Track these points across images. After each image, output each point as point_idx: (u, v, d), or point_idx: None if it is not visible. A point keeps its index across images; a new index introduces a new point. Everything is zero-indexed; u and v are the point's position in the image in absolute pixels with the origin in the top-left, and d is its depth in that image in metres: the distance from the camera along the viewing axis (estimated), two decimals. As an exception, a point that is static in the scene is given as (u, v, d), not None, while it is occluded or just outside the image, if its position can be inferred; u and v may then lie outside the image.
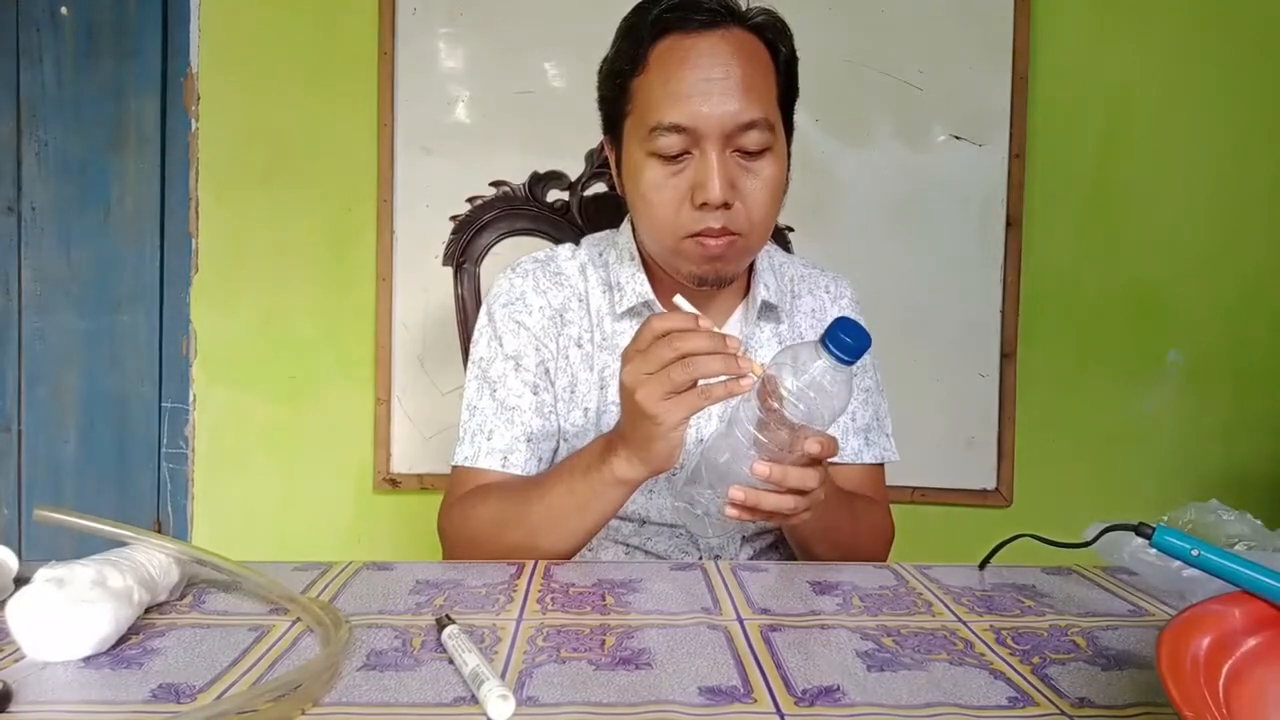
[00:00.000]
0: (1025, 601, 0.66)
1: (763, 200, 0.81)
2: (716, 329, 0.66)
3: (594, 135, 1.14)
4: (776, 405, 0.64)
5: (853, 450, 0.95)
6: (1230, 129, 1.78)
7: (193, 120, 1.73)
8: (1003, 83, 1.73)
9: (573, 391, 0.90)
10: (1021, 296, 1.75)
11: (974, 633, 0.59)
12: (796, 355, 0.65)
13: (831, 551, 0.84)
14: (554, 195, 1.14)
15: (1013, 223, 1.74)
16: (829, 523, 0.80)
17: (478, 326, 0.94)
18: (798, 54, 0.87)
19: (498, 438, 0.87)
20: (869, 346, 0.63)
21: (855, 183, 1.73)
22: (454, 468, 0.90)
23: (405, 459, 1.74)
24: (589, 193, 1.14)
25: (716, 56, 0.78)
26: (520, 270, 0.93)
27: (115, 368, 1.74)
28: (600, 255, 0.95)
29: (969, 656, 0.55)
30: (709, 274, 0.83)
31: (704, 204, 0.78)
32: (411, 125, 1.71)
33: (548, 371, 0.90)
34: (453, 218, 1.13)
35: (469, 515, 0.84)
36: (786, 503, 0.68)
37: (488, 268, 1.13)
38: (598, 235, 0.99)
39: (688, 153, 0.79)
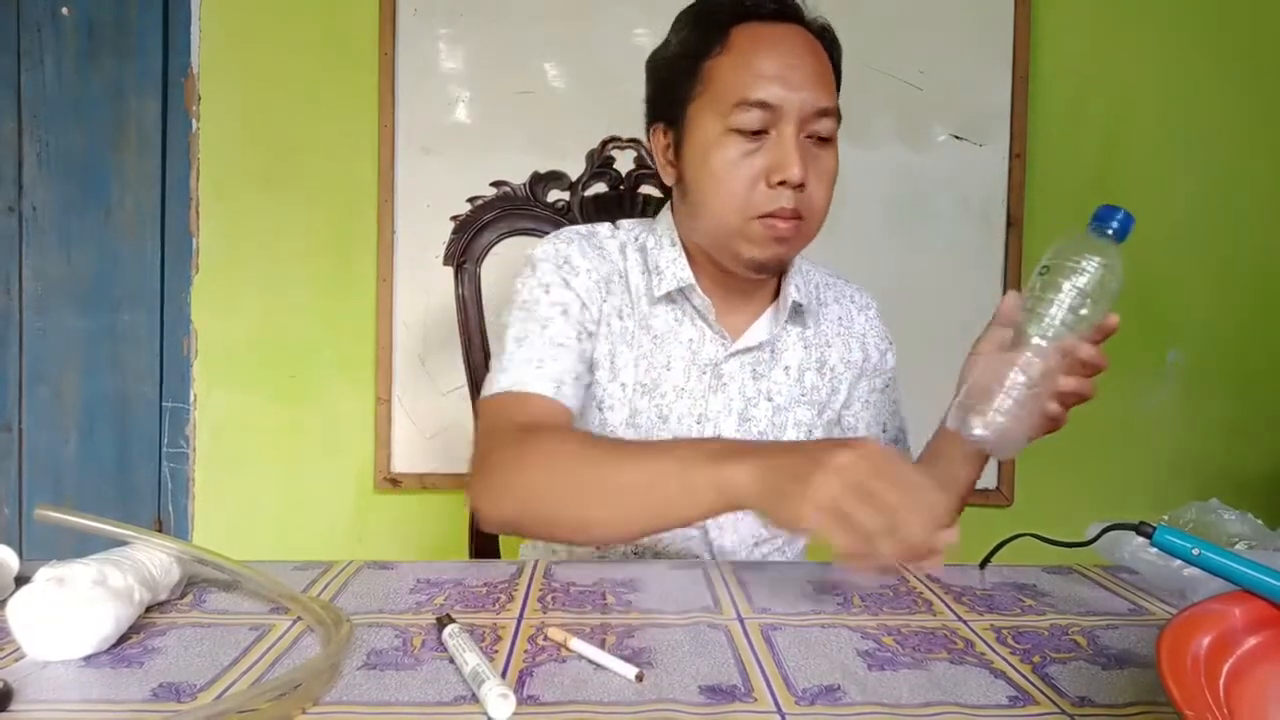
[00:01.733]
0: (1026, 601, 0.66)
1: (824, 191, 0.84)
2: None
3: (594, 135, 1.15)
4: (1077, 304, 0.68)
5: None
6: (1230, 128, 1.78)
7: (193, 120, 1.73)
8: (1003, 83, 1.74)
9: (612, 361, 0.89)
10: (1022, 296, 1.75)
11: (974, 632, 0.59)
12: (1072, 254, 0.68)
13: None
14: (554, 195, 1.14)
15: (1013, 223, 1.74)
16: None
17: (520, 279, 0.89)
18: None
19: (550, 366, 0.82)
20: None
21: (855, 183, 1.73)
22: (494, 397, 0.82)
23: (406, 459, 1.74)
24: (589, 193, 1.13)
25: (795, 46, 0.83)
26: (564, 238, 0.91)
27: (116, 368, 1.74)
28: (637, 240, 0.94)
29: (969, 656, 0.55)
30: (771, 259, 0.84)
31: (782, 182, 0.80)
32: (412, 125, 1.71)
33: (590, 332, 0.88)
34: (453, 218, 1.13)
35: (543, 447, 0.74)
36: (1087, 385, 0.71)
37: (488, 268, 1.13)
38: (632, 221, 0.97)
39: (765, 132, 0.81)
